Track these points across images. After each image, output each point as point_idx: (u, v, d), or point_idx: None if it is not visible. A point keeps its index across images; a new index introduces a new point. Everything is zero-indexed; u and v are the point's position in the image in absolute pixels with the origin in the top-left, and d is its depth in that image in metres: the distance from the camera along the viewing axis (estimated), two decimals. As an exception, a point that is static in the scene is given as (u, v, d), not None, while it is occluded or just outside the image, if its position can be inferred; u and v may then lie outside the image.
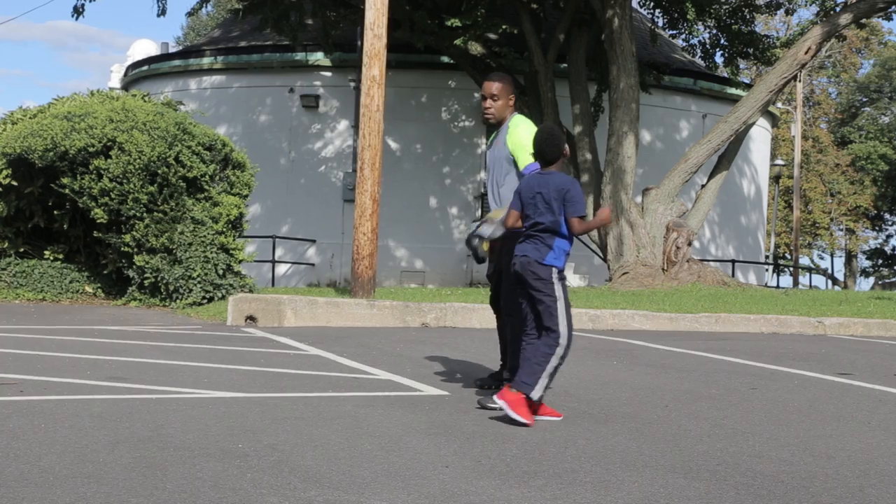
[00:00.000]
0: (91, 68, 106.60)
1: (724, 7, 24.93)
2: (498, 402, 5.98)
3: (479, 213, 25.71)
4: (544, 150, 6.20)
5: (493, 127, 7.03)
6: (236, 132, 26.38)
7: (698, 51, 26.28)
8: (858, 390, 7.88)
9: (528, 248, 6.17)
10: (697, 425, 6.13)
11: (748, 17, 25.25)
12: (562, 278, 6.19)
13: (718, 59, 26.15)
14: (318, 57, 26.16)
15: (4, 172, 14.80)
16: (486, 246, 6.64)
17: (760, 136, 30.64)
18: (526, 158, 6.62)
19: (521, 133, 6.72)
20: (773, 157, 40.52)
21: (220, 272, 13.91)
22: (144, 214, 13.85)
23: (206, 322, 12.35)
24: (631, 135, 20.01)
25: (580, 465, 4.98)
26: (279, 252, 25.21)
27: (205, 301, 13.79)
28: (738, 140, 21.16)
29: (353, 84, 25.01)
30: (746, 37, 24.69)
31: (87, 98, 15.91)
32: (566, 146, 6.31)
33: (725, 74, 27.65)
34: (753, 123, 21.59)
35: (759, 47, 24.84)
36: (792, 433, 5.98)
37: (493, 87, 6.77)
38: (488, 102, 6.80)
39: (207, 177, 14.21)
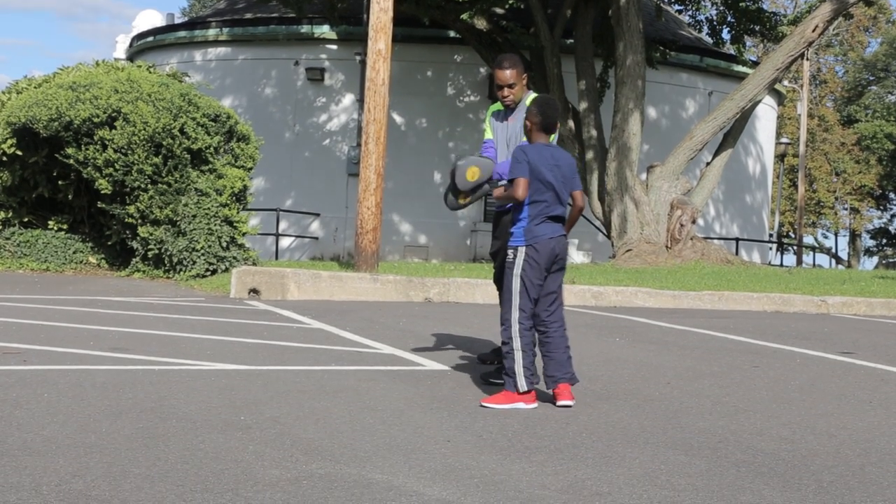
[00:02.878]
0: (100, 39, 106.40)
1: (732, -17, 24.77)
2: (570, 402, 5.83)
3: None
4: (549, 115, 6.06)
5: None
6: (241, 104, 26.32)
7: (705, 27, 26.13)
8: (861, 369, 7.89)
9: (560, 228, 6.00)
10: (699, 402, 6.14)
11: (756, -7, 25.11)
12: None
13: (725, 35, 25.97)
14: (324, 30, 26.07)
15: (9, 142, 14.79)
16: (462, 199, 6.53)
17: (766, 115, 30.54)
18: None
19: None
20: (779, 135, 40.35)
21: (224, 244, 13.91)
22: (149, 186, 13.84)
23: (210, 294, 12.37)
24: (637, 111, 19.95)
25: (581, 441, 4.99)
26: (283, 225, 25.18)
27: (208, 273, 13.80)
28: (743, 118, 21.08)
29: (358, 58, 24.91)
30: (754, 13, 24.52)
31: (92, 68, 15.85)
32: None
33: (732, 52, 27.50)
34: (759, 101, 21.51)
35: (766, 24, 24.67)
36: (793, 411, 5.99)
37: (508, 74, 6.65)
38: (506, 91, 6.69)
39: (212, 149, 14.19)
